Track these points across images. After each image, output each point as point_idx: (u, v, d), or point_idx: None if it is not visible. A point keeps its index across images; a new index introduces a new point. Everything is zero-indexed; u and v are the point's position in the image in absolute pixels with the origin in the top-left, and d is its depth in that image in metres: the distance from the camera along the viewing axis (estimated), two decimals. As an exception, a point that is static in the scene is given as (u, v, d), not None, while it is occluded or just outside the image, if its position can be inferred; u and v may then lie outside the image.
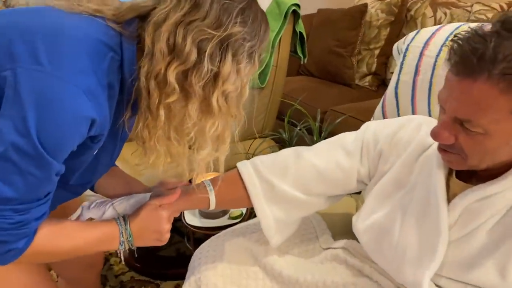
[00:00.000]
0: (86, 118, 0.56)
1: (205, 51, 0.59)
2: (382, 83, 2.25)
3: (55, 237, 0.65)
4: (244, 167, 0.83)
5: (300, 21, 1.54)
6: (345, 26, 2.20)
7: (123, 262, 1.53)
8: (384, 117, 1.04)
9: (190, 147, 0.70)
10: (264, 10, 1.49)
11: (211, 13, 0.60)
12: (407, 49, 0.97)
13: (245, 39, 0.61)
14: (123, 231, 0.71)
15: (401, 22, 2.11)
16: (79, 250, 0.68)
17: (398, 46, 1.02)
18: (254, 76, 1.52)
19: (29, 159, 0.54)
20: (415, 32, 0.99)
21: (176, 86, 0.60)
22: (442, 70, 0.86)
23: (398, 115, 1.01)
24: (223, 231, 0.93)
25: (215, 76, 0.61)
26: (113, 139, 0.70)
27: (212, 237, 0.93)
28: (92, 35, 0.59)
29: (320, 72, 2.37)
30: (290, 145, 1.38)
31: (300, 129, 1.36)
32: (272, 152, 1.45)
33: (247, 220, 1.08)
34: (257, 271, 0.83)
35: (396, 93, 0.99)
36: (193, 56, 0.59)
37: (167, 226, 0.76)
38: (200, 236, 1.22)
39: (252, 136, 1.57)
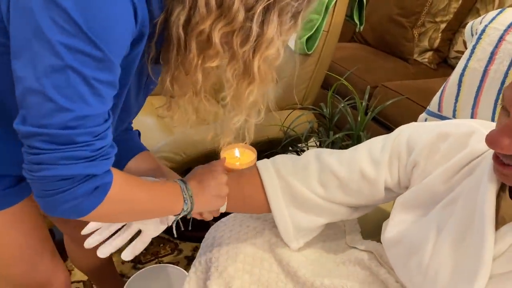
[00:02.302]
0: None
1: (253, 11, 0.52)
2: (443, 61, 2.04)
3: (130, 183, 0.58)
4: (265, 166, 0.75)
5: (360, -17, 1.37)
6: (411, -7, 1.98)
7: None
8: (439, 108, 0.91)
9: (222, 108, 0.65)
10: (322, -33, 1.34)
11: None
12: (483, 30, 0.81)
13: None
14: (184, 188, 0.66)
15: (477, -5, 1.87)
16: (153, 203, 0.62)
17: (473, 26, 0.86)
18: (302, 40, 1.39)
19: (89, 60, 0.46)
20: (497, 11, 0.82)
21: (221, 49, 0.54)
22: (500, 66, 0.71)
23: (455, 109, 0.87)
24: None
25: (259, 39, 0.54)
26: (138, 77, 0.62)
27: (230, 216, 0.87)
28: None
29: (376, 41, 2.18)
30: (330, 122, 1.27)
31: (343, 106, 1.23)
32: (311, 128, 1.35)
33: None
34: (272, 263, 0.76)
35: (460, 81, 0.85)
36: (241, 16, 0.52)
37: (225, 177, 0.71)
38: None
39: (292, 106, 1.46)
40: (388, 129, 1.74)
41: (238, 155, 1.05)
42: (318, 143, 1.32)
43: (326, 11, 1.34)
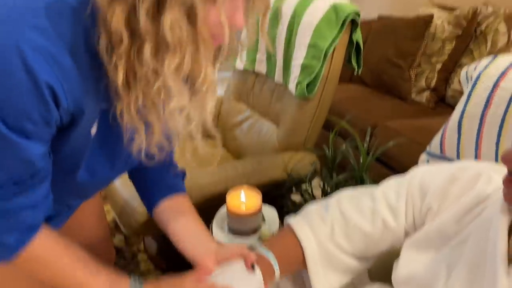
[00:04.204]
0: (30, 76, 0.48)
1: None
2: (440, 100, 2.09)
3: (55, 249, 0.59)
4: (299, 227, 0.76)
5: (358, 30, 1.43)
6: (407, 36, 2.06)
7: None
8: (441, 150, 0.93)
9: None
10: (320, 16, 1.41)
11: None
12: (478, 77, 0.85)
13: None
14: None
15: (469, 37, 1.94)
16: (70, 279, 0.61)
17: (468, 72, 0.90)
18: (302, 85, 1.44)
19: None
20: (490, 58, 0.86)
21: (125, 32, 0.50)
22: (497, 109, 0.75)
23: (458, 151, 0.89)
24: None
25: None
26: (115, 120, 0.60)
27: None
28: None
29: (374, 82, 2.24)
30: (333, 164, 1.29)
31: (345, 148, 1.26)
32: (314, 169, 1.37)
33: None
34: None
35: (459, 126, 0.88)
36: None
37: None
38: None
39: (294, 147, 1.49)
40: (390, 168, 1.75)
41: (244, 200, 1.06)
42: (322, 184, 1.33)
43: (325, 58, 1.40)
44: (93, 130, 0.59)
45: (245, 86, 1.74)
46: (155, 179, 0.80)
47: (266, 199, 1.15)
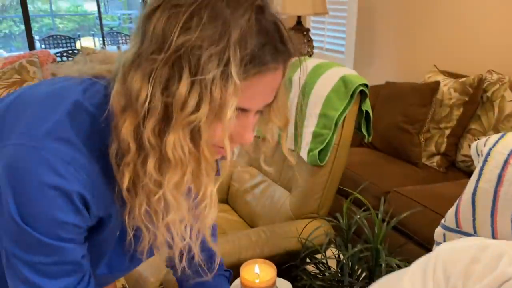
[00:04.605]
0: (61, 189, 0.51)
1: (156, 81, 0.50)
2: (451, 165, 2.10)
3: None
4: None
5: (367, 100, 1.48)
6: (415, 102, 2.11)
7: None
8: (457, 225, 0.93)
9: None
10: (330, 88, 1.46)
11: (155, 34, 0.50)
12: (488, 153, 0.87)
13: (200, 46, 0.49)
14: None
15: (476, 103, 1.99)
16: None
17: (478, 147, 0.92)
18: (314, 153, 1.47)
19: (29, 247, 0.52)
20: (499, 135, 0.88)
21: (132, 143, 0.52)
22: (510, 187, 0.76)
23: (474, 226, 0.89)
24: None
25: (166, 109, 0.50)
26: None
27: None
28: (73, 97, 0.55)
29: (385, 147, 2.26)
30: (347, 234, 1.28)
31: (359, 218, 1.26)
32: (328, 239, 1.36)
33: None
34: None
35: (473, 201, 0.88)
36: (146, 93, 0.50)
37: None
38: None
39: (308, 214, 1.49)
40: (405, 235, 1.73)
41: (258, 272, 1.05)
42: (337, 256, 1.31)
43: (336, 127, 1.44)
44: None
45: (256, 151, 1.78)
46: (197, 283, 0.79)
47: (280, 269, 1.13)
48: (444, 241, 0.95)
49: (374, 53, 3.03)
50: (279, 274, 1.13)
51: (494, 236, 0.86)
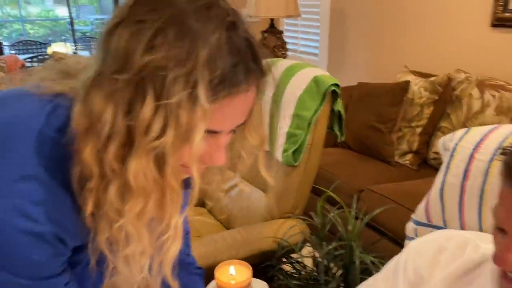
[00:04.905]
0: (34, 233, 0.49)
1: (118, 103, 0.46)
2: (423, 162, 2.14)
3: None
4: None
5: (339, 100, 1.50)
6: (386, 102, 2.15)
7: None
8: (428, 219, 0.95)
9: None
10: (303, 88, 1.48)
11: (117, 52, 0.46)
12: (454, 148, 0.89)
13: (166, 67, 0.45)
14: None
15: (446, 102, 2.04)
16: None
17: (445, 143, 0.94)
18: (288, 153, 1.47)
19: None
20: (464, 130, 0.91)
21: (95, 168, 0.49)
22: (496, 179, 0.78)
23: (444, 220, 0.91)
24: None
25: (129, 133, 0.47)
26: None
27: None
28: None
29: (358, 146, 2.29)
30: (322, 232, 1.29)
31: (333, 216, 1.27)
32: (304, 238, 1.37)
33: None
34: None
35: (441, 195, 0.90)
36: (107, 115, 0.46)
37: None
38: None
39: (283, 214, 1.49)
40: (379, 232, 1.75)
41: (234, 273, 1.04)
42: (313, 254, 1.32)
43: (309, 127, 1.45)
44: None
45: (231, 153, 1.77)
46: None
47: (256, 270, 1.13)
48: (416, 235, 0.97)
49: (347, 54, 3.07)
50: (256, 275, 1.12)
51: (462, 228, 0.88)
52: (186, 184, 0.71)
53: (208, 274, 1.13)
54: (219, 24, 0.47)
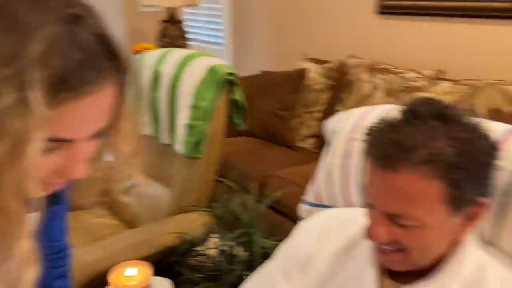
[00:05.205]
0: None
1: None
2: (324, 145, 2.24)
3: None
4: None
5: (237, 89, 1.50)
6: (286, 90, 2.21)
7: None
8: (316, 198, 0.99)
9: None
10: (198, 78, 1.45)
11: None
12: (336, 130, 0.93)
13: None
14: None
15: (340, 87, 2.15)
16: None
17: (329, 125, 0.98)
18: (189, 146, 1.44)
19: None
20: (344, 112, 0.96)
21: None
22: (355, 160, 0.85)
23: (331, 199, 0.96)
24: None
25: None
26: None
27: None
28: None
29: (263, 134, 2.34)
30: (225, 222, 1.29)
31: (235, 204, 1.27)
32: (209, 229, 1.35)
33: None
34: None
35: (327, 176, 0.94)
36: None
37: None
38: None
39: (188, 208, 1.46)
40: (284, 215, 1.81)
41: (130, 274, 1.00)
42: (218, 244, 1.32)
43: (208, 117, 1.43)
44: None
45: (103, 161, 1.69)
46: None
47: (160, 269, 1.09)
48: (307, 216, 1.01)
49: (250, 44, 3.10)
50: (161, 272, 1.09)
51: (348, 206, 0.93)
52: (57, 198, 0.64)
53: (105, 279, 1.07)
54: (58, 17, 0.41)
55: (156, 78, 1.55)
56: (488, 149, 0.57)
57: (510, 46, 1.81)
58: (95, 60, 0.43)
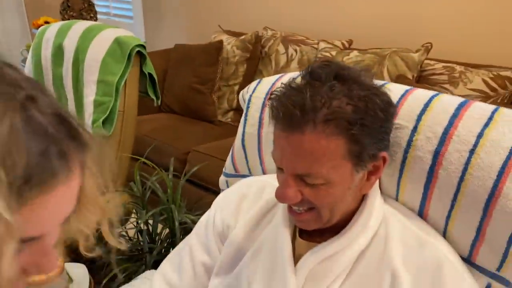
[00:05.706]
0: None
1: None
2: (244, 118, 2.25)
3: None
4: None
5: (148, 61, 1.43)
6: (203, 63, 2.16)
7: None
8: (235, 168, 0.98)
9: None
10: (104, 51, 1.36)
11: None
12: (249, 100, 0.92)
13: None
14: None
15: (257, 59, 2.15)
16: None
17: (243, 95, 0.97)
18: (98, 124, 1.36)
19: None
20: (257, 81, 0.95)
21: None
22: (269, 128, 0.85)
23: (249, 168, 0.96)
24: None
25: None
26: None
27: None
28: None
29: (182, 109, 2.28)
30: (143, 201, 1.24)
31: (152, 182, 1.23)
32: (125, 210, 1.30)
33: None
34: None
35: (243, 146, 0.94)
36: None
37: None
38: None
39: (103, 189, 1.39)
40: (205, 189, 1.80)
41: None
42: (135, 225, 1.27)
43: (117, 92, 1.35)
44: None
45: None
46: None
47: (77, 255, 1.03)
48: (227, 187, 1.00)
49: (163, 16, 2.97)
50: (76, 259, 1.03)
51: (264, 173, 0.94)
52: None
53: None
54: (9, 106, 0.34)
55: (58, 53, 1.42)
56: (384, 106, 0.60)
57: (412, 14, 1.93)
58: (60, 143, 0.36)
